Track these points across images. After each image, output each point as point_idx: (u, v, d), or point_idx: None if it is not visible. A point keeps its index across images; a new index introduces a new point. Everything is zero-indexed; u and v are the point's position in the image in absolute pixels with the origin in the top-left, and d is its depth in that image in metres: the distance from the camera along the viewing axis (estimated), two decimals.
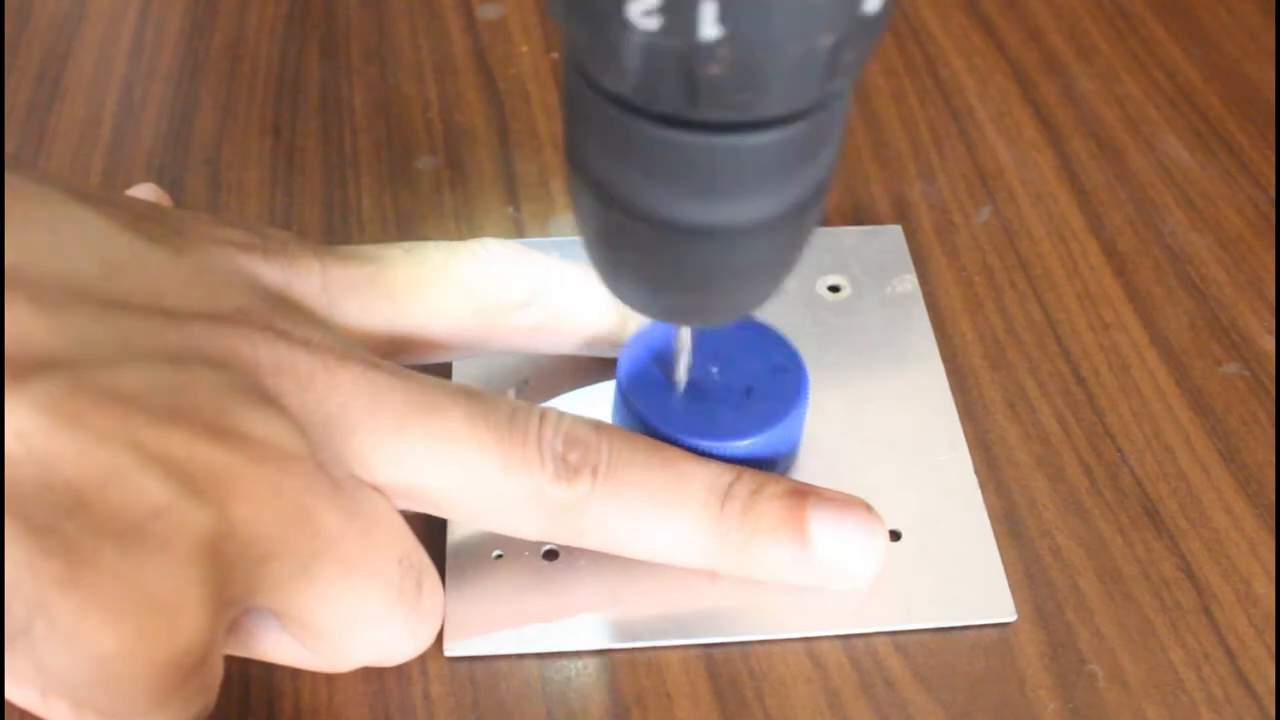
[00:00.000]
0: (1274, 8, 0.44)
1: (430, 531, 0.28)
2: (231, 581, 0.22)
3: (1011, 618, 0.28)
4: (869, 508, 0.27)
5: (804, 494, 0.27)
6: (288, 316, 0.24)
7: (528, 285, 0.29)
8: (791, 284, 0.34)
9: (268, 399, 0.23)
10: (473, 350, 0.29)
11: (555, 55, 0.42)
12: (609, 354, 0.30)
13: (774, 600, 0.28)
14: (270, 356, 0.23)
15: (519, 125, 0.40)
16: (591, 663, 0.27)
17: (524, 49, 0.43)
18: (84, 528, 0.20)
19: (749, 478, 0.27)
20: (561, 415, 0.26)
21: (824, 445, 0.30)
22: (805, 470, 0.30)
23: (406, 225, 0.37)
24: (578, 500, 0.25)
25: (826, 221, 0.36)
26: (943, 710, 0.26)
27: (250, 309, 0.24)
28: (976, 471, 0.30)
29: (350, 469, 0.24)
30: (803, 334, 0.33)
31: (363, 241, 0.36)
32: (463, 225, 0.37)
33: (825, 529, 0.27)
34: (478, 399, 0.25)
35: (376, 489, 0.24)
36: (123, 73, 0.42)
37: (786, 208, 0.22)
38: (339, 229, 0.37)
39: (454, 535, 0.29)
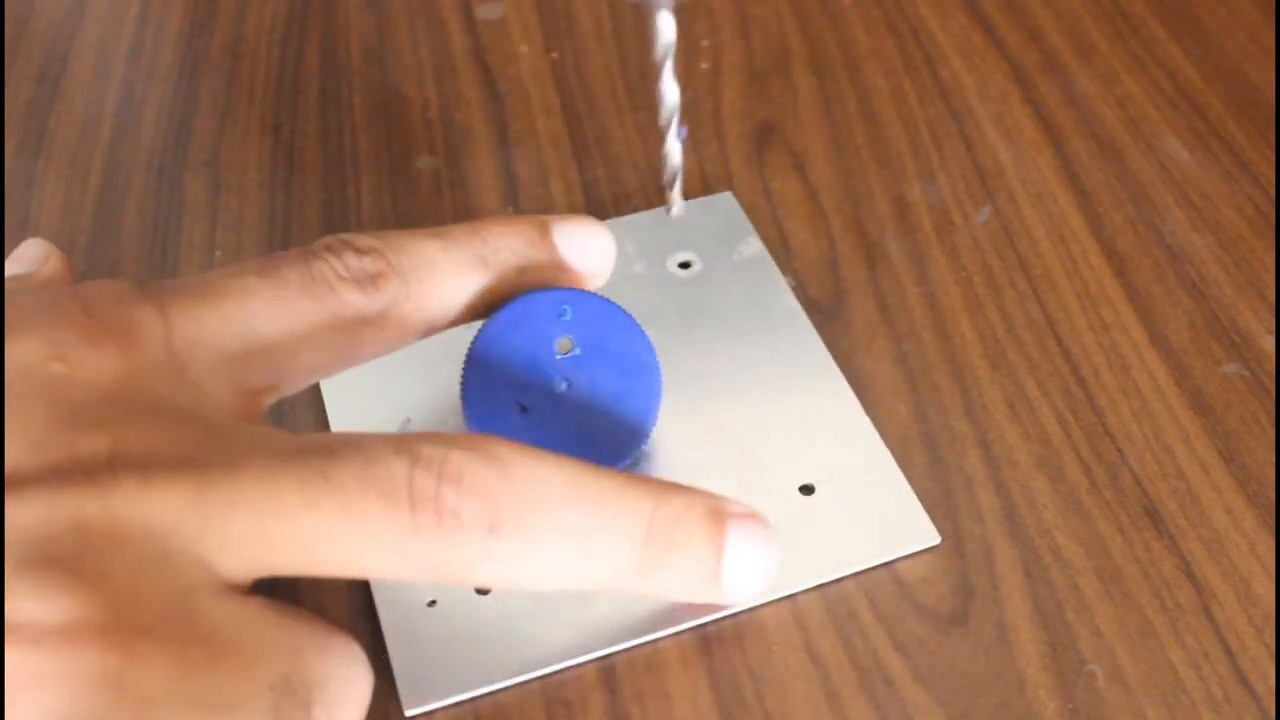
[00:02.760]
0: (1274, 8, 0.44)
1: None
2: None
3: (936, 541, 0.29)
4: (769, 525, 0.26)
5: (721, 516, 0.25)
6: (100, 428, 0.22)
7: (388, 282, 0.26)
8: (642, 267, 0.35)
9: (51, 564, 0.20)
10: (347, 364, 0.27)
11: (555, 55, 0.42)
12: (478, 318, 0.28)
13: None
14: (71, 502, 0.21)
15: (518, 125, 0.40)
16: (587, 669, 0.27)
17: (523, 49, 0.43)
18: None
19: (669, 504, 0.25)
20: (449, 452, 0.22)
21: (715, 419, 0.31)
22: (703, 449, 0.30)
23: (406, 225, 0.37)
24: (470, 559, 0.23)
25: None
26: (943, 710, 0.26)
27: (46, 444, 0.21)
28: (867, 411, 0.31)
29: (196, 580, 0.21)
30: (664, 314, 0.33)
31: None
32: None
33: (738, 553, 0.26)
34: (318, 456, 0.22)
35: (234, 591, 0.22)
36: (123, 73, 0.42)
37: None
38: (339, 229, 0.37)
39: (380, 591, 0.28)
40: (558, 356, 0.28)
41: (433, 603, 0.27)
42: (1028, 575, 0.29)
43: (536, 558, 0.23)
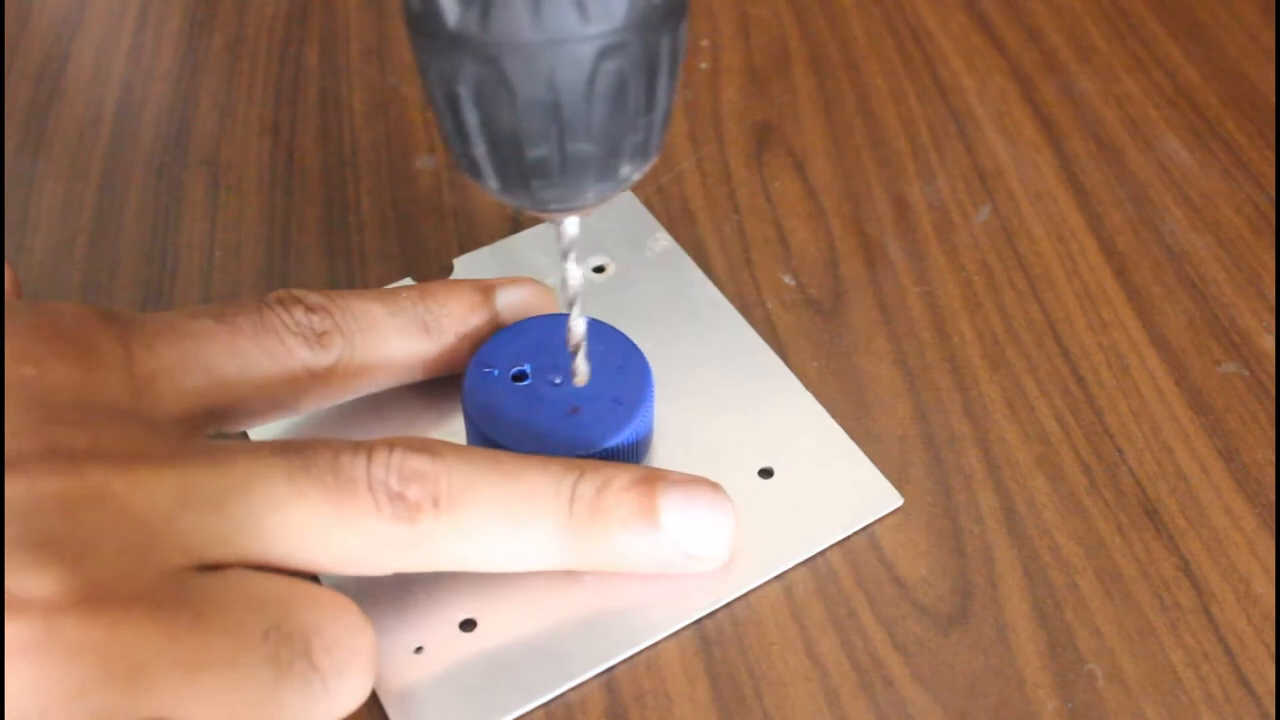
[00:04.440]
0: (1274, 8, 0.44)
1: None
2: None
3: (899, 503, 0.29)
4: (716, 486, 0.27)
5: (651, 481, 0.27)
6: (76, 425, 0.23)
7: (333, 341, 0.28)
8: (557, 277, 0.34)
9: (43, 543, 0.21)
10: (288, 413, 0.29)
11: None
12: (419, 379, 0.30)
13: (683, 581, 0.28)
14: (56, 486, 0.22)
15: None
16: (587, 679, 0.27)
17: None
18: None
19: (592, 474, 0.26)
20: (393, 447, 0.25)
21: (662, 415, 0.31)
22: (655, 446, 0.31)
23: (406, 225, 0.37)
24: (423, 535, 0.25)
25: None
26: (942, 709, 0.26)
27: (23, 432, 0.22)
28: (818, 398, 0.32)
29: (179, 564, 0.22)
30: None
31: (361, 243, 0.36)
32: (461, 225, 0.37)
33: (676, 513, 0.27)
34: (295, 454, 0.24)
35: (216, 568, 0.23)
36: (122, 73, 0.42)
37: (632, 16, 0.22)
38: (338, 229, 0.37)
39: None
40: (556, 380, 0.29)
41: (419, 649, 0.27)
42: (1027, 575, 0.29)
43: (475, 531, 0.25)
